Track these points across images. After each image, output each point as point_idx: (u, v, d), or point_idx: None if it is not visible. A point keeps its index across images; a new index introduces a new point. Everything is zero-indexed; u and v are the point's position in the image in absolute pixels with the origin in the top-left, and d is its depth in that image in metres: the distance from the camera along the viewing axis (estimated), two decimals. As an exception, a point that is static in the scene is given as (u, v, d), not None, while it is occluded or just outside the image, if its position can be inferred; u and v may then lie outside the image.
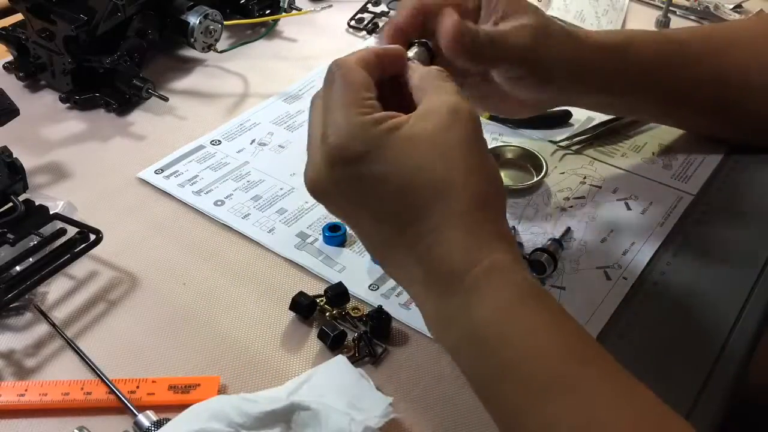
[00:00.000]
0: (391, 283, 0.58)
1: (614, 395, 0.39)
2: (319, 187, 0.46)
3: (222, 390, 0.49)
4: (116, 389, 0.48)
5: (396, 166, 0.43)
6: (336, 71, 0.47)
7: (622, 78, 0.62)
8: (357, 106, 0.44)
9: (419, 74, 0.48)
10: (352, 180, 0.44)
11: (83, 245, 0.56)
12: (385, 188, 0.43)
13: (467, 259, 0.42)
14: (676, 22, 0.94)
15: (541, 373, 0.39)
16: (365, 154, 0.43)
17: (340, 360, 0.50)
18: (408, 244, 0.43)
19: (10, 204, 0.58)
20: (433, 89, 0.46)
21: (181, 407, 0.46)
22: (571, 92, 0.62)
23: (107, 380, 0.48)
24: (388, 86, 0.48)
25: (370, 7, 0.93)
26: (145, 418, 0.46)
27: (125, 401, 0.47)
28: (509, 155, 0.70)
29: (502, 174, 0.67)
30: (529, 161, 0.69)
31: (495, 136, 0.74)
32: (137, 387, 0.49)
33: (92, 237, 0.56)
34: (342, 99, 0.45)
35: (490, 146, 0.69)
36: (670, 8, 0.93)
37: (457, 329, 0.42)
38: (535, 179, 0.66)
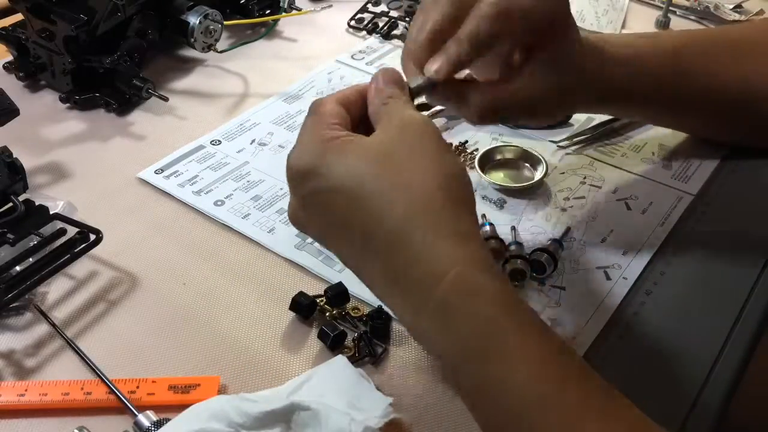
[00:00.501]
0: (391, 283, 0.58)
1: (597, 412, 0.38)
2: (291, 213, 0.47)
3: (222, 390, 0.49)
4: (116, 389, 0.48)
5: (343, 178, 0.43)
6: (311, 106, 0.47)
7: (639, 90, 0.62)
8: (319, 130, 0.45)
9: (377, 102, 0.47)
10: (308, 196, 0.44)
11: (83, 245, 0.56)
12: (336, 200, 0.43)
13: (431, 273, 0.41)
14: (676, 22, 0.94)
15: (521, 394, 0.39)
16: (313, 168, 0.43)
17: (340, 360, 0.50)
18: (371, 258, 0.43)
19: (10, 204, 0.58)
20: (385, 112, 0.46)
21: (181, 407, 0.46)
22: (590, 110, 0.66)
23: (107, 380, 0.48)
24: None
25: (370, 7, 0.93)
26: (145, 418, 0.46)
27: (125, 401, 0.47)
28: (509, 155, 0.70)
29: (502, 174, 0.68)
30: (529, 161, 0.69)
31: (495, 136, 0.74)
32: (137, 387, 0.49)
33: (92, 237, 0.57)
34: (306, 125, 0.46)
35: (490, 146, 0.70)
36: (670, 8, 0.93)
37: (434, 345, 0.42)
38: (535, 179, 0.66)
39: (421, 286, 0.41)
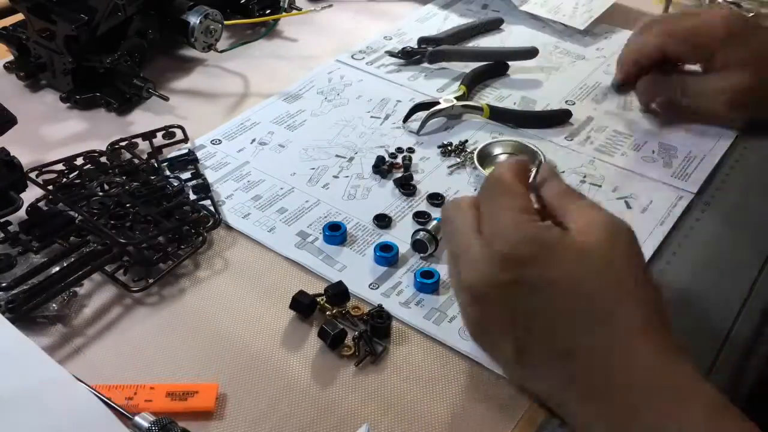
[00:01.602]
0: (392, 281, 0.58)
1: None
2: (482, 290, 0.45)
3: (220, 398, 0.49)
4: (112, 402, 0.47)
5: (567, 271, 0.42)
6: (496, 180, 0.47)
7: None
8: (523, 212, 0.45)
9: (557, 191, 0.48)
10: (520, 283, 0.43)
11: (106, 256, 0.56)
12: (555, 292, 0.42)
13: (653, 374, 0.40)
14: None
15: None
16: (536, 258, 0.42)
17: None
18: (576, 355, 0.42)
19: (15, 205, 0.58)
20: (577, 206, 0.46)
21: (178, 414, 0.46)
22: None
23: (103, 397, 0.47)
24: None
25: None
26: (143, 420, 0.45)
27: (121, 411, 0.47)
28: (507, 149, 0.70)
29: None
30: (526, 155, 0.69)
31: (495, 135, 0.74)
32: (135, 393, 0.48)
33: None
34: (509, 204, 0.45)
35: (488, 141, 0.70)
36: (669, 8, 0.93)
37: None
38: (534, 173, 0.66)
39: (643, 395, 0.40)
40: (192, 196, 0.64)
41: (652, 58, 0.61)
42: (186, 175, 0.67)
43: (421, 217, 0.63)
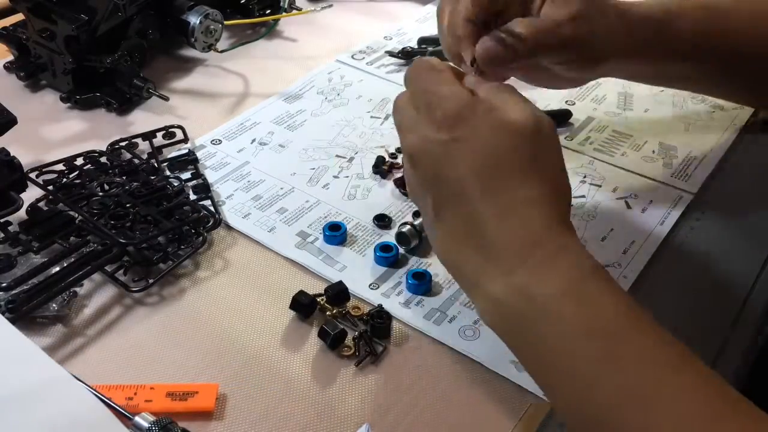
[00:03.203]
0: (392, 282, 0.58)
1: (674, 363, 0.40)
2: (416, 151, 0.48)
3: (220, 398, 0.49)
4: (112, 402, 0.47)
5: (489, 138, 0.46)
6: (422, 62, 0.51)
7: (669, 50, 0.63)
8: (455, 82, 0.49)
9: (486, 87, 0.49)
10: (448, 143, 0.46)
11: (107, 256, 0.56)
12: (471, 156, 0.46)
13: (542, 236, 0.44)
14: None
15: (608, 342, 0.40)
16: (467, 120, 0.46)
17: None
18: (482, 217, 0.45)
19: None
20: (508, 95, 0.48)
21: (179, 415, 0.46)
22: (622, 68, 0.64)
23: (103, 397, 0.47)
24: None
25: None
26: (143, 420, 0.45)
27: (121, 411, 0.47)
28: None
29: None
30: None
31: (495, 135, 0.73)
32: (135, 393, 0.48)
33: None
34: (441, 78, 0.49)
35: None
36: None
37: (520, 305, 0.43)
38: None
39: (525, 247, 0.44)
40: (192, 196, 0.64)
41: (471, 22, 0.56)
42: (186, 175, 0.67)
43: (420, 217, 0.63)
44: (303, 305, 0.54)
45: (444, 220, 0.47)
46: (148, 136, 0.71)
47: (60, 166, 0.66)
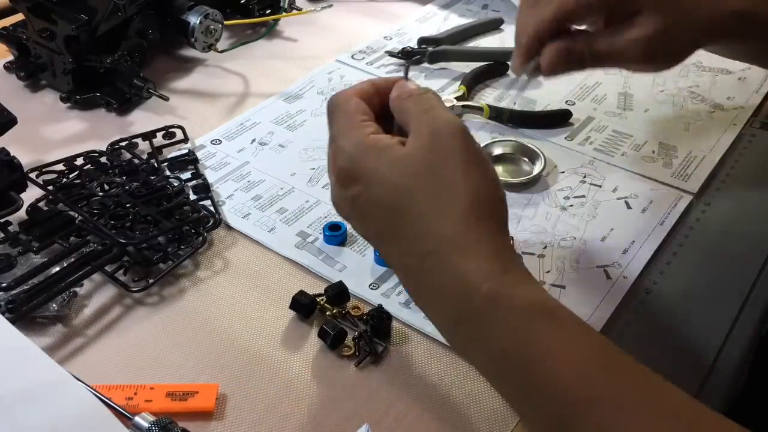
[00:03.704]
0: (392, 282, 0.58)
1: (647, 399, 0.39)
2: (339, 208, 0.48)
3: (220, 398, 0.49)
4: (112, 402, 0.47)
5: (384, 192, 0.44)
6: (333, 105, 0.48)
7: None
8: (355, 130, 0.46)
9: (399, 98, 0.48)
10: (356, 199, 0.45)
11: (107, 256, 0.56)
12: (377, 213, 0.45)
13: (466, 288, 0.41)
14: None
15: (566, 396, 0.39)
16: (356, 175, 0.45)
17: None
18: (411, 270, 0.44)
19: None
20: (415, 112, 0.46)
21: (179, 415, 0.46)
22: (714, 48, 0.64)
23: (103, 397, 0.47)
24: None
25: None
26: (143, 420, 0.45)
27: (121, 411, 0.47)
28: (507, 150, 0.70)
29: (501, 169, 0.68)
30: (527, 155, 0.70)
31: (495, 135, 0.74)
32: (135, 393, 0.48)
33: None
34: (340, 123, 0.47)
35: (489, 141, 0.70)
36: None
37: (476, 355, 0.43)
38: (534, 173, 0.67)
39: (458, 300, 0.42)
40: (192, 196, 0.64)
41: (551, 28, 0.56)
42: (186, 175, 0.67)
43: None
44: (303, 305, 0.54)
45: (396, 272, 0.47)
46: (148, 136, 0.71)
47: (60, 166, 0.66)
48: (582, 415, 0.38)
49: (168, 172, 0.67)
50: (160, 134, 0.71)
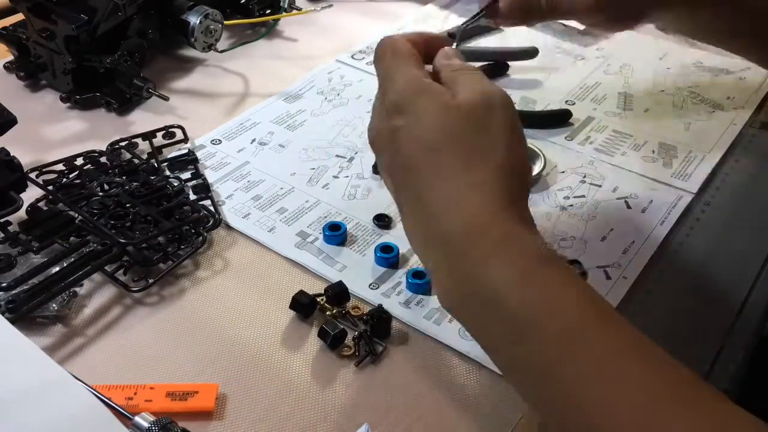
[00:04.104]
0: (392, 282, 0.58)
1: (632, 348, 0.40)
2: (377, 135, 0.49)
3: (220, 398, 0.49)
4: (112, 402, 0.47)
5: (430, 129, 0.45)
6: (385, 46, 0.50)
7: None
8: (412, 70, 0.48)
9: (448, 70, 0.50)
10: (398, 130, 0.46)
11: (106, 256, 0.56)
12: (419, 145, 0.46)
13: (486, 223, 0.43)
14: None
15: (562, 331, 0.40)
16: (409, 106, 0.46)
17: None
18: (428, 205, 0.45)
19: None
20: (466, 78, 0.48)
21: (179, 415, 0.46)
22: (671, 19, 0.66)
23: (103, 397, 0.47)
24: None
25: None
26: (143, 420, 0.45)
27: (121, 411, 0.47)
28: None
29: None
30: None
31: (495, 135, 0.74)
32: (135, 393, 0.48)
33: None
34: (397, 64, 0.49)
35: None
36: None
37: (471, 295, 0.43)
38: (534, 173, 0.67)
39: (470, 236, 0.43)
40: (192, 196, 0.64)
41: None
42: (186, 175, 0.67)
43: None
44: (303, 305, 0.54)
45: (402, 206, 0.48)
46: (148, 136, 0.70)
47: (60, 166, 0.66)
48: (568, 359, 0.39)
49: (168, 172, 0.67)
50: (160, 134, 0.71)
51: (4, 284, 0.52)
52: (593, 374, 0.39)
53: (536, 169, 0.67)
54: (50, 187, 0.63)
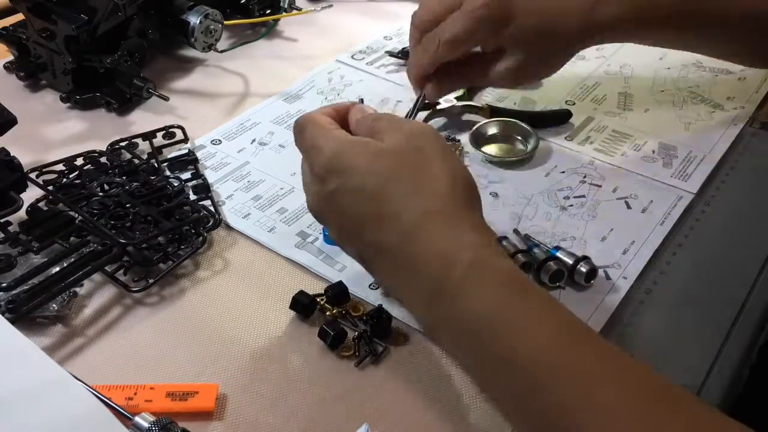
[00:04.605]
0: (392, 282, 0.58)
1: (612, 372, 0.40)
2: (315, 205, 0.52)
3: (220, 398, 0.49)
4: (112, 402, 0.47)
5: (365, 178, 0.47)
6: (303, 122, 0.52)
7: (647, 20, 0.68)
8: (331, 132, 0.50)
9: (364, 123, 0.52)
10: (336, 191, 0.48)
11: (106, 256, 0.56)
12: (358, 198, 0.48)
13: (448, 259, 0.44)
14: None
15: (538, 360, 0.40)
16: (338, 167, 0.48)
17: None
18: (386, 250, 0.47)
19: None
20: (387, 124, 0.51)
21: (179, 415, 0.46)
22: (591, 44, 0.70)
23: (103, 397, 0.47)
24: None
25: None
26: (143, 420, 0.45)
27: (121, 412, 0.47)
28: (500, 130, 0.73)
29: (495, 148, 0.71)
30: (520, 134, 0.72)
31: (495, 135, 0.74)
32: (135, 394, 0.48)
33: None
34: (315, 132, 0.51)
35: (482, 122, 0.73)
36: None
37: (450, 328, 0.45)
38: (529, 150, 0.70)
39: (439, 270, 0.44)
40: (192, 197, 0.64)
41: (432, 65, 0.66)
42: (186, 175, 0.67)
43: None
44: (303, 305, 0.54)
45: (370, 264, 0.50)
46: (148, 136, 0.71)
47: (60, 166, 0.66)
48: (548, 386, 0.40)
49: (168, 172, 0.67)
50: (160, 134, 0.71)
51: (4, 284, 0.52)
52: (573, 402, 0.39)
53: (530, 146, 0.70)
54: (50, 188, 0.63)
